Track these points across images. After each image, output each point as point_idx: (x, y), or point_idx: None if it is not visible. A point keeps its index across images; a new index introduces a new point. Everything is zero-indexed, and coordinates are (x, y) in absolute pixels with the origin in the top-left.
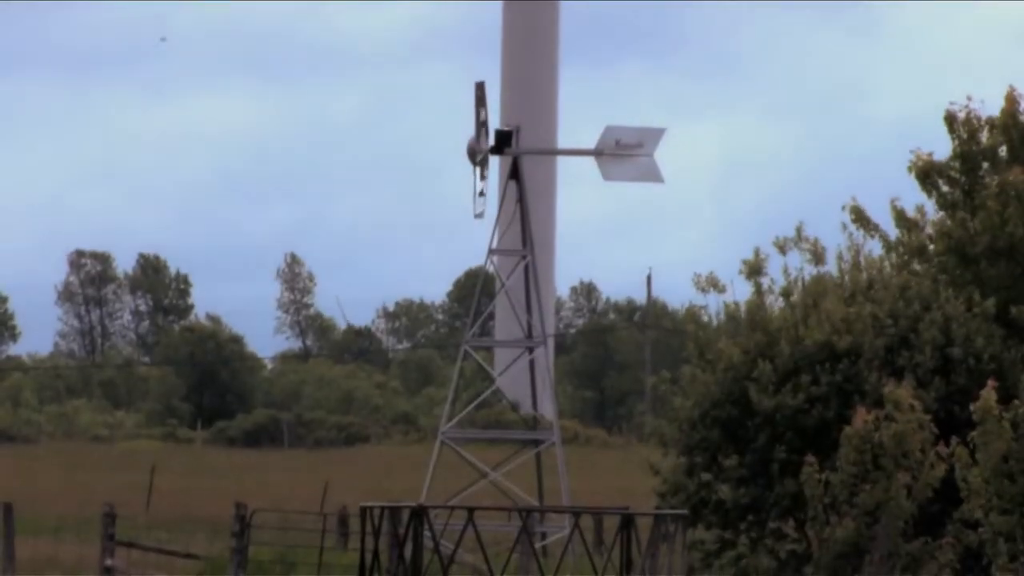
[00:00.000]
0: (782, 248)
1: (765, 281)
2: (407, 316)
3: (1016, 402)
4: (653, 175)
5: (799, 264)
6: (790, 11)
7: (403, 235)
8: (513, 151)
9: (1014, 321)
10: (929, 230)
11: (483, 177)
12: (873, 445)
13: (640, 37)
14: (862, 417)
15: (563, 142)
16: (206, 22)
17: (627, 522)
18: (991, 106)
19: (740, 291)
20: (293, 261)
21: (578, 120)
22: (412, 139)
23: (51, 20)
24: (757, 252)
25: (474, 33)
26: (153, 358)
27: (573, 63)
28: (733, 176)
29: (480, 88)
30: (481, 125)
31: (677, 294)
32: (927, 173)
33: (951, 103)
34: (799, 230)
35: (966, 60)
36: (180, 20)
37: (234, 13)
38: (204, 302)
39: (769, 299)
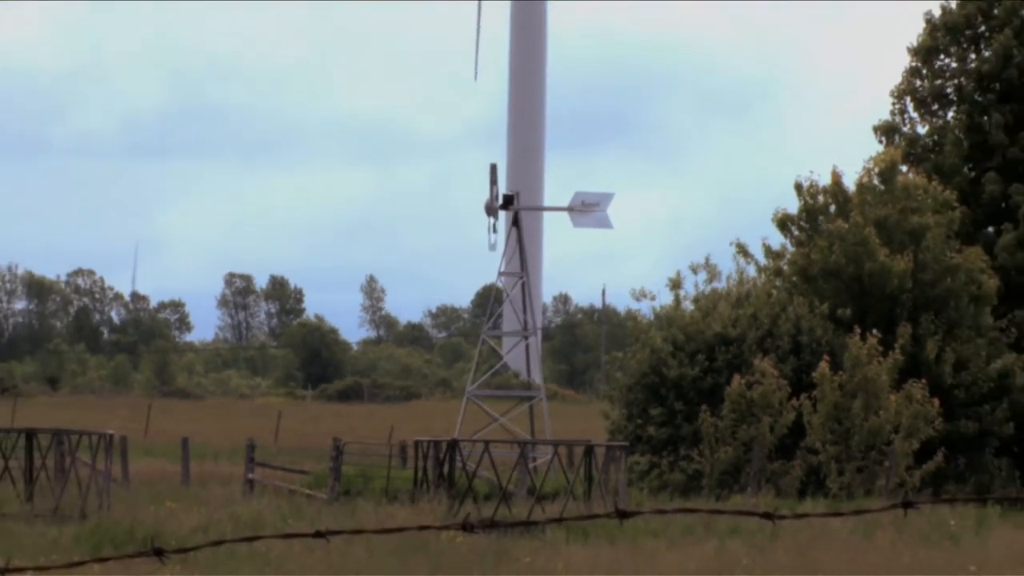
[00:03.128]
0: (694, 271)
1: (681, 292)
2: (445, 315)
3: (841, 372)
4: (606, 224)
5: (704, 281)
6: (713, 118)
7: (444, 262)
8: (514, 208)
9: (840, 319)
10: (785, 259)
11: (494, 227)
12: (747, 399)
13: (602, 127)
14: (737, 382)
15: (547, 201)
16: (328, 120)
17: (589, 451)
18: (824, 178)
19: (665, 299)
20: (371, 279)
21: (558, 186)
22: (454, 199)
23: (228, 117)
24: (678, 273)
25: (494, 128)
26: (279, 343)
27: (555, 146)
28: (665, 224)
29: (493, 169)
30: (493, 185)
31: (622, 301)
32: (784, 222)
33: (798, 177)
34: (706, 259)
35: (811, 147)
36: (310, 116)
37: (343, 112)
38: (312, 306)
39: (684, 304)
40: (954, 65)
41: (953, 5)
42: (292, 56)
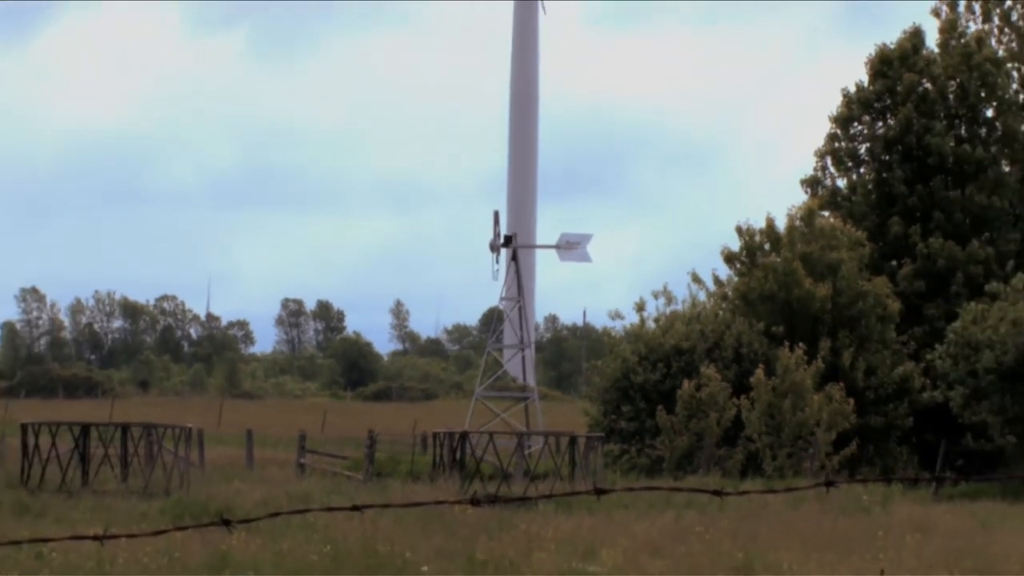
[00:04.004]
0: (655, 296)
1: (645, 313)
2: (457, 332)
3: (774, 377)
4: (586, 259)
5: (663, 304)
6: (674, 173)
7: (457, 289)
8: (512, 246)
9: (773, 335)
10: (729, 287)
11: (496, 261)
12: (697, 399)
13: (583, 180)
14: (689, 385)
15: (539, 240)
16: (365, 176)
17: (572, 441)
18: (760, 222)
19: (632, 319)
20: (398, 303)
21: (548, 228)
22: (465, 239)
23: (285, 173)
24: (642, 299)
25: (498, 181)
26: (324, 354)
27: (546, 196)
28: (634, 259)
29: (495, 215)
30: (495, 227)
31: (599, 320)
32: (728, 257)
33: (739, 221)
34: (664, 287)
35: (752, 197)
36: (350, 172)
37: (377, 169)
38: (352, 324)
39: (648, 323)
40: (865, 131)
41: (865, 83)
42: (335, 122)
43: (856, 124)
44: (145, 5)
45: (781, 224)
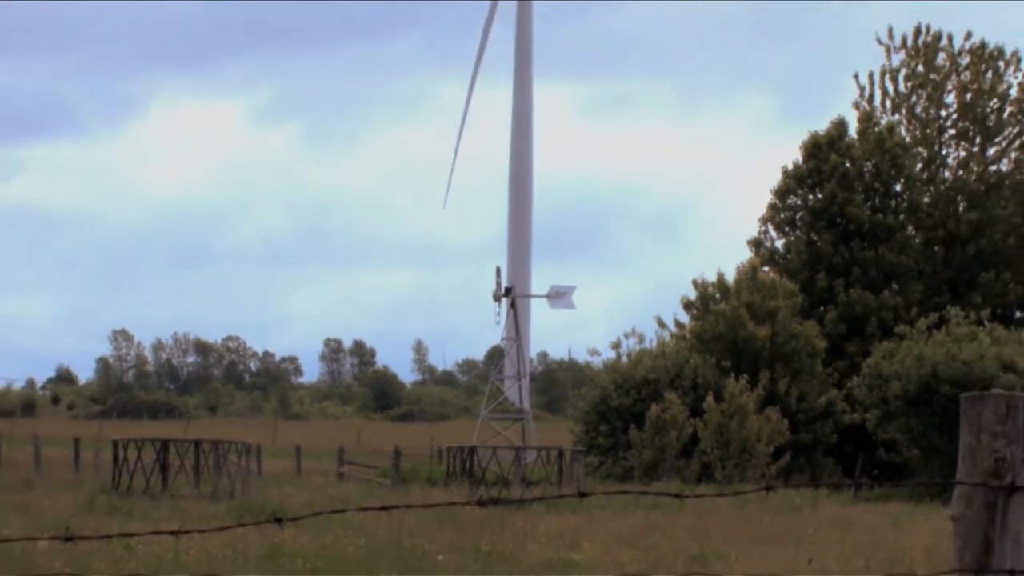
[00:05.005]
0: (628, 336)
1: (620, 350)
2: (467, 365)
3: (723, 402)
4: (571, 306)
5: (634, 343)
6: (646, 235)
7: (467, 330)
8: (511, 295)
9: (723, 368)
10: (687, 329)
11: (498, 308)
12: (661, 420)
13: (570, 240)
14: (654, 408)
15: (533, 291)
16: (394, 235)
17: (560, 453)
18: (712, 276)
19: (609, 355)
20: (419, 342)
21: (541, 280)
22: (475, 289)
23: (329, 234)
24: (617, 338)
25: (502, 241)
26: (359, 383)
27: (539, 254)
28: (611, 306)
29: (497, 270)
30: (497, 278)
31: (582, 356)
32: (687, 305)
33: (695, 276)
34: (633, 329)
35: (709, 254)
36: (383, 231)
37: (404, 229)
38: (381, 359)
39: (622, 358)
40: (799, 202)
41: (800, 162)
42: (369, 193)
43: (792, 196)
44: (219, 101)
45: (730, 277)
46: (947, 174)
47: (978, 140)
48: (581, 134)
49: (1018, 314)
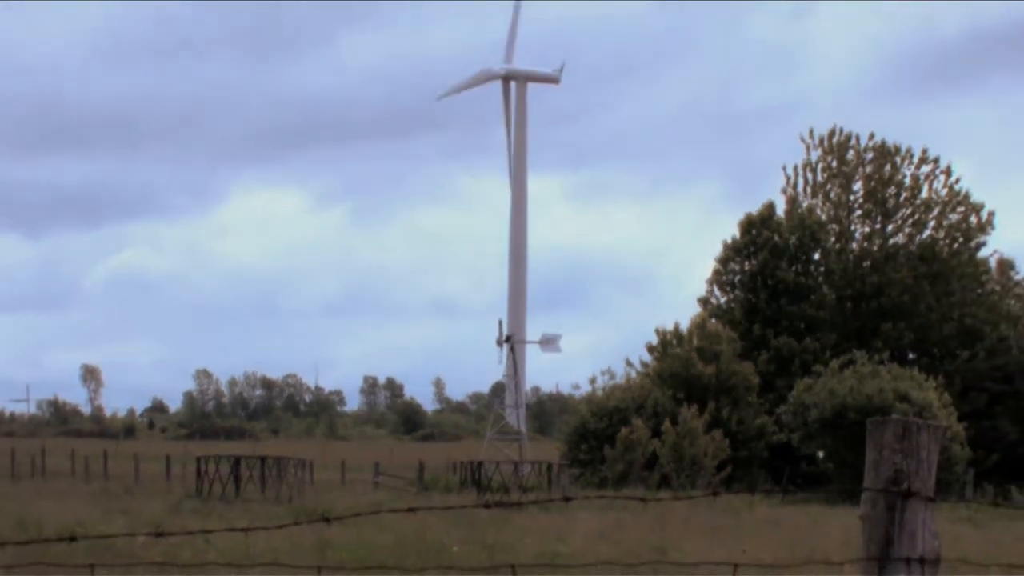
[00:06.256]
0: (603, 374)
1: (597, 384)
2: (476, 396)
3: (677, 426)
4: (558, 350)
5: (608, 379)
6: (619, 292)
7: (476, 369)
8: (511, 342)
9: (678, 399)
10: (650, 368)
11: (501, 351)
12: (629, 440)
13: (559, 297)
14: (625, 432)
15: (528, 337)
16: (419, 298)
17: (549, 466)
18: (670, 326)
19: (587, 388)
20: (438, 379)
21: (534, 328)
22: (483, 337)
23: (371, 298)
24: (594, 376)
25: (504, 299)
26: (391, 411)
27: (533, 307)
28: (590, 350)
29: (500, 321)
30: (499, 328)
31: (566, 389)
32: (650, 349)
33: (656, 326)
34: (608, 368)
35: (670, 308)
36: (408, 296)
37: (426, 292)
38: (409, 392)
39: (598, 391)
40: (738, 268)
41: (738, 237)
42: (404, 261)
43: (732, 263)
44: (285, 188)
45: (684, 327)
46: (855, 245)
47: (879, 219)
48: (569, 213)
49: (911, 356)
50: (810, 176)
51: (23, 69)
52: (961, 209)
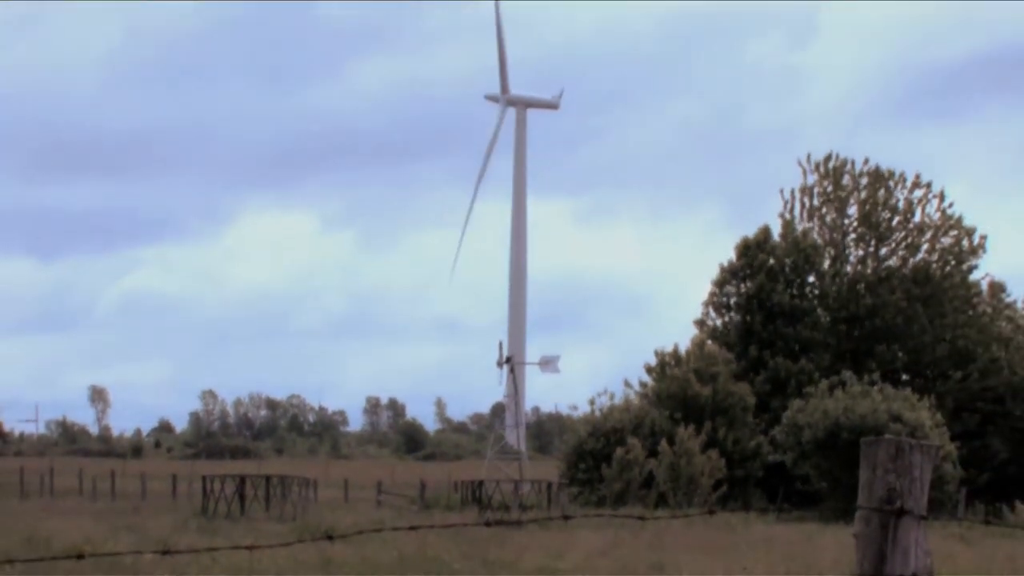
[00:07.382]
0: (601, 395)
1: (595, 405)
2: (476, 416)
3: (674, 445)
4: (556, 371)
5: (606, 400)
6: (617, 315)
7: (477, 390)
8: (511, 363)
9: (675, 419)
10: (648, 388)
11: (501, 372)
12: (627, 459)
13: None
14: (619, 452)
15: (528, 359)
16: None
17: (549, 485)
18: (669, 348)
19: (586, 409)
20: (440, 399)
21: (534, 350)
22: (484, 359)
23: (374, 318)
24: (593, 397)
25: (504, 320)
26: (393, 431)
27: (533, 330)
28: (589, 371)
29: (500, 343)
30: (500, 349)
31: (565, 409)
32: (649, 370)
33: (655, 348)
34: (606, 389)
35: (667, 330)
36: (413, 316)
37: (431, 312)
38: (410, 413)
39: (596, 412)
40: (734, 291)
41: (734, 260)
42: (408, 283)
43: (728, 286)
44: (293, 212)
45: (683, 349)
46: (849, 268)
47: (873, 242)
48: (570, 237)
49: (904, 377)
50: (806, 201)
51: (36, 94)
52: (954, 233)
